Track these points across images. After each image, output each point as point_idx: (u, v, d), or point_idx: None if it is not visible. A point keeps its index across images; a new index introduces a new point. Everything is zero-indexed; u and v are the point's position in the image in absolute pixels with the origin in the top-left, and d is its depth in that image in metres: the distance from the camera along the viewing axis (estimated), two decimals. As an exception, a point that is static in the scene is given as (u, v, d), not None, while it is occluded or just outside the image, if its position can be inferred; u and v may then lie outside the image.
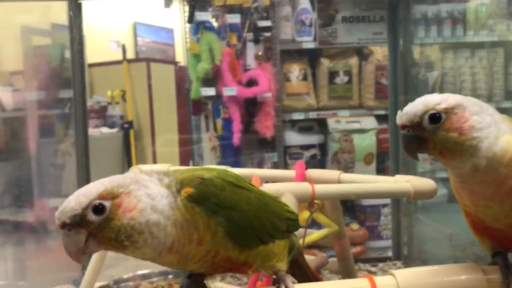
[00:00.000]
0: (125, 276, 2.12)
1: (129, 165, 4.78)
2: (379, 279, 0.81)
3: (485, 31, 3.60)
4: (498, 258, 0.86)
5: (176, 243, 0.76)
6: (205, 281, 0.86)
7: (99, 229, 0.72)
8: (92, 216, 0.72)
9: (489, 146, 0.80)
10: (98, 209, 0.72)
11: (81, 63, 3.02)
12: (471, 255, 2.43)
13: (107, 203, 0.73)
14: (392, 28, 3.03)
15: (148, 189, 0.76)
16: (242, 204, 0.82)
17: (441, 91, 3.67)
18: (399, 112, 0.86)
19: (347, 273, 1.70)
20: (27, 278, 3.01)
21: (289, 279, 0.81)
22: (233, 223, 0.80)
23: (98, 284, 1.92)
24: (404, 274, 0.81)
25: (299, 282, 0.82)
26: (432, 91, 3.63)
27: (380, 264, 2.76)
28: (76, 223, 0.72)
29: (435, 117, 0.81)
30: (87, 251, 0.73)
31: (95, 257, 1.61)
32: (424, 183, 1.37)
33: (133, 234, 0.73)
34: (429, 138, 0.82)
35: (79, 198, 0.73)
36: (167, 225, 0.75)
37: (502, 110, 0.86)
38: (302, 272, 0.98)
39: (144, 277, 2.10)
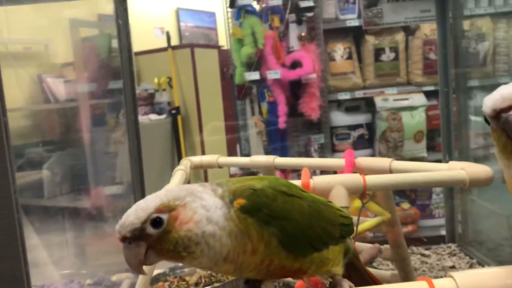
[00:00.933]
0: (181, 264, 2.18)
1: (179, 151, 4.87)
2: (438, 282, 0.80)
3: (541, -3, 3.41)
4: None
5: (231, 252, 0.78)
6: (262, 286, 0.87)
7: (158, 241, 0.75)
8: (150, 230, 0.75)
9: None
10: (156, 222, 0.75)
11: (129, 52, 3.08)
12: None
13: (164, 216, 0.75)
14: (441, 2, 2.91)
15: (203, 201, 0.78)
16: (295, 213, 0.83)
17: (493, 63, 3.51)
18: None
19: (401, 260, 1.68)
20: (87, 264, 3.15)
21: (346, 283, 0.81)
22: (285, 233, 0.80)
23: (155, 272, 1.99)
24: (464, 276, 0.80)
25: (356, 285, 0.82)
26: (484, 63, 3.49)
27: (434, 246, 2.71)
28: (136, 236, 0.75)
29: None
30: (147, 262, 0.77)
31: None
32: (480, 170, 1.33)
33: (190, 245, 0.75)
34: None
35: (137, 212, 0.76)
36: (222, 235, 0.77)
37: None
38: (358, 274, 0.98)
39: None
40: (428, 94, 3.62)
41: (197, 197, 0.78)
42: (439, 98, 3.44)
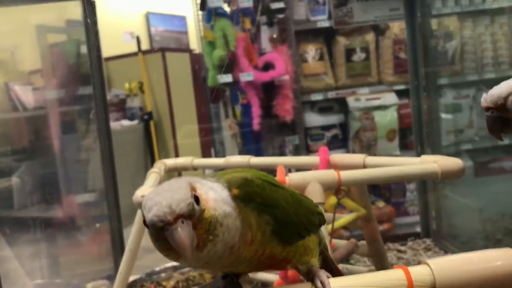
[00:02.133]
0: (157, 269, 2.15)
1: (152, 156, 4.82)
2: (413, 270, 0.80)
3: (504, -4, 3.50)
4: None
5: (240, 239, 0.75)
6: (240, 281, 0.86)
7: (198, 220, 0.71)
8: (196, 206, 0.71)
9: None
10: (196, 198, 0.72)
11: (98, 57, 3.03)
12: (502, 228, 2.40)
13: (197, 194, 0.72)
14: (409, 2, 2.96)
15: (208, 183, 0.77)
16: (282, 201, 0.83)
17: (462, 61, 3.59)
18: (484, 95, 0.87)
19: (377, 256, 1.69)
20: (61, 274, 3.08)
21: (324, 273, 0.81)
22: (277, 221, 0.80)
23: (131, 278, 1.96)
24: (439, 263, 0.80)
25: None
26: (452, 62, 3.56)
27: (410, 243, 2.75)
28: (189, 212, 0.70)
29: None
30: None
31: (125, 259, 1.64)
32: (451, 163, 1.35)
33: (216, 226, 0.72)
34: None
35: (180, 189, 0.71)
36: (236, 216, 0.75)
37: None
38: (326, 265, 0.98)
39: (176, 268, 2.13)
40: (399, 93, 3.67)
41: (201, 182, 0.76)
42: (410, 96, 3.50)
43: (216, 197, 0.74)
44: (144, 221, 0.73)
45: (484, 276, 0.79)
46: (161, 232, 0.70)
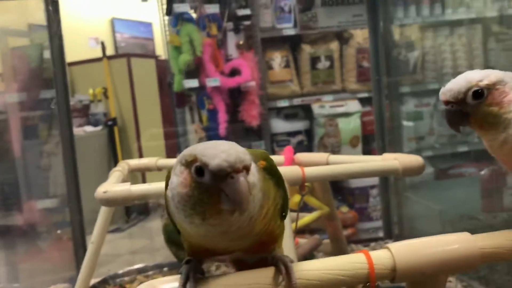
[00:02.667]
0: (120, 272, 2.12)
1: (116, 162, 4.75)
2: (374, 253, 0.82)
3: (463, 8, 3.63)
4: None
5: (260, 210, 0.77)
6: (203, 267, 0.86)
7: None
8: None
9: None
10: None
11: (62, 62, 2.98)
12: (461, 230, 2.47)
13: None
14: (372, 10, 3.04)
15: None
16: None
17: (423, 70, 3.70)
18: (442, 89, 0.89)
19: (340, 254, 1.71)
20: (20, 280, 2.99)
21: (287, 258, 0.82)
22: (285, 196, 0.85)
23: (94, 280, 1.92)
24: (399, 246, 0.82)
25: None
26: (414, 71, 3.66)
27: (372, 244, 2.80)
28: (249, 167, 0.74)
29: (478, 93, 0.85)
30: None
31: (89, 253, 1.61)
32: (412, 159, 1.39)
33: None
34: (472, 113, 0.86)
35: (236, 146, 0.75)
36: (260, 188, 0.76)
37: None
38: None
39: (140, 271, 2.10)
40: (363, 101, 3.75)
41: None
42: (372, 104, 3.58)
43: None
44: (196, 169, 0.72)
45: (443, 258, 0.82)
46: (217, 181, 0.71)
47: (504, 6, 3.63)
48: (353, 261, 0.81)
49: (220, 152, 0.71)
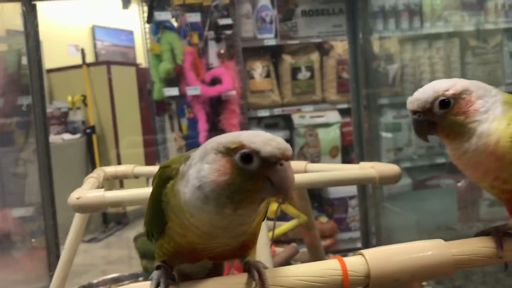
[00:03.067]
0: (95, 281, 2.08)
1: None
2: (348, 260, 0.81)
3: (441, 22, 3.69)
4: (492, 228, 0.89)
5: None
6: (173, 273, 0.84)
7: None
8: None
9: (482, 130, 0.84)
10: None
11: (39, 68, 2.94)
12: (438, 240, 2.49)
13: None
14: (351, 21, 3.07)
15: None
16: None
17: (402, 83, 3.75)
18: (409, 98, 0.90)
19: (318, 263, 1.71)
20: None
21: (261, 264, 0.81)
22: None
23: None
24: (373, 252, 0.82)
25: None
26: (393, 83, 3.71)
27: (350, 254, 2.80)
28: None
29: (445, 103, 0.86)
30: None
31: (61, 262, 1.58)
32: (388, 168, 1.39)
33: None
34: (438, 122, 0.87)
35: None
36: None
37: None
38: None
39: (114, 280, 2.06)
40: (342, 112, 3.78)
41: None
42: (351, 115, 3.60)
43: None
44: (244, 156, 0.72)
45: (416, 265, 0.82)
46: (264, 169, 0.71)
47: (480, 21, 3.71)
48: (327, 268, 0.80)
49: (269, 139, 0.72)
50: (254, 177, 0.72)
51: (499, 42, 3.68)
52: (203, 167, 0.74)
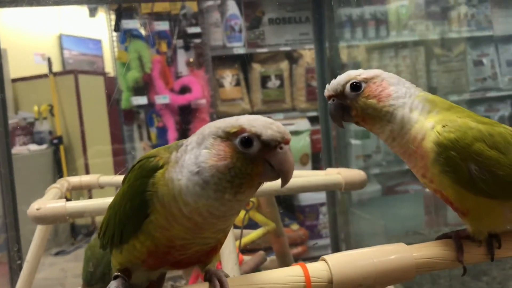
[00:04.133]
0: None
1: (61, 182, 4.58)
2: (311, 265, 0.81)
3: (406, 31, 3.77)
4: (452, 232, 0.90)
5: None
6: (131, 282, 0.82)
7: None
8: None
9: (403, 115, 0.87)
10: None
11: (1, 77, 2.86)
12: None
13: None
14: (318, 29, 3.10)
15: None
16: None
17: (369, 90, 3.80)
18: (326, 85, 0.92)
19: (287, 271, 1.70)
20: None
21: (222, 273, 0.80)
22: None
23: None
24: (335, 258, 0.82)
25: None
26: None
27: (320, 261, 2.80)
28: None
29: (356, 86, 0.89)
30: None
31: (23, 275, 1.53)
32: (354, 174, 1.40)
33: None
34: (352, 106, 0.90)
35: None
36: None
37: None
38: None
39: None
40: (312, 119, 3.80)
41: None
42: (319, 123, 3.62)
43: None
44: (244, 140, 0.71)
45: (380, 269, 0.82)
46: (265, 152, 0.72)
47: (444, 30, 3.80)
48: (289, 274, 0.79)
49: (268, 123, 0.73)
50: (254, 161, 0.72)
51: (462, 50, 3.78)
52: (201, 153, 0.73)
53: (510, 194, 0.84)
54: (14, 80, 4.82)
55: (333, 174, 1.41)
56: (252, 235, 1.55)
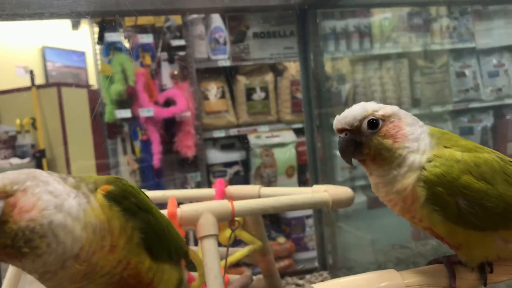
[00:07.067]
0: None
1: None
2: (300, 294, 0.79)
3: (390, 43, 3.80)
4: (444, 257, 0.88)
5: (86, 248, 0.68)
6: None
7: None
8: None
9: (414, 160, 0.82)
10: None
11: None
12: (393, 258, 2.51)
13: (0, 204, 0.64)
14: (302, 43, 3.11)
15: (49, 186, 0.69)
16: (155, 210, 0.79)
17: (354, 102, 3.81)
18: (337, 117, 0.87)
19: (274, 289, 1.68)
20: None
21: None
22: (149, 228, 0.76)
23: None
24: (324, 287, 0.80)
25: None
26: (346, 103, 3.77)
27: (308, 276, 2.79)
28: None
29: (374, 123, 0.83)
30: None
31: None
32: (341, 191, 1.39)
33: (34, 238, 0.64)
34: (365, 143, 0.84)
35: None
36: (75, 227, 0.67)
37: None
38: None
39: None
40: (297, 131, 3.80)
41: (41, 181, 0.69)
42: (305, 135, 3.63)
43: (46, 205, 0.67)
44: None
45: (368, 297, 0.80)
46: None
47: (427, 42, 3.84)
48: (278, 303, 0.77)
49: None
50: None
51: (445, 62, 3.82)
52: None
53: (499, 225, 0.83)
54: (-5, 93, 4.74)
55: (320, 192, 1.39)
56: (237, 254, 1.53)
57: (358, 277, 0.82)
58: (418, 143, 0.83)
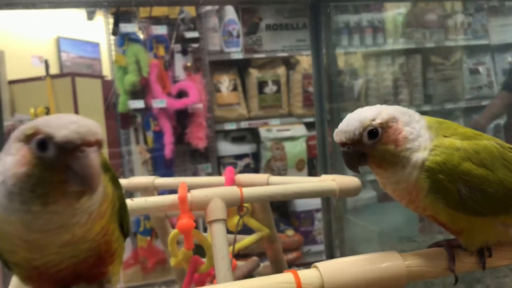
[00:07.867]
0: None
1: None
2: (302, 272, 0.81)
3: (403, 39, 3.79)
4: (444, 241, 0.89)
5: (99, 207, 0.73)
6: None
7: None
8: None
9: (417, 158, 0.84)
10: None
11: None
12: (399, 252, 2.51)
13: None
14: (315, 36, 3.11)
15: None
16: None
17: (366, 97, 3.81)
18: (336, 130, 0.87)
19: (280, 276, 1.70)
20: None
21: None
22: (122, 200, 0.81)
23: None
24: (327, 265, 0.82)
25: None
26: (358, 98, 3.76)
27: (315, 268, 2.80)
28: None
29: (373, 133, 0.83)
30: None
31: None
32: (348, 180, 1.41)
33: None
34: (369, 153, 0.84)
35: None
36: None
37: (422, 114, 0.90)
38: None
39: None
40: (308, 125, 3.81)
41: None
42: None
43: None
44: (39, 142, 0.63)
45: (371, 277, 0.82)
46: (64, 156, 0.63)
47: (441, 38, 3.82)
48: (281, 281, 0.80)
49: (69, 123, 0.63)
50: (54, 167, 0.63)
51: (458, 59, 3.80)
52: (6, 159, 0.64)
53: (500, 210, 0.85)
54: (11, 82, 4.81)
55: (327, 181, 1.41)
56: (245, 240, 1.55)
57: (361, 256, 0.85)
58: (419, 140, 0.84)
